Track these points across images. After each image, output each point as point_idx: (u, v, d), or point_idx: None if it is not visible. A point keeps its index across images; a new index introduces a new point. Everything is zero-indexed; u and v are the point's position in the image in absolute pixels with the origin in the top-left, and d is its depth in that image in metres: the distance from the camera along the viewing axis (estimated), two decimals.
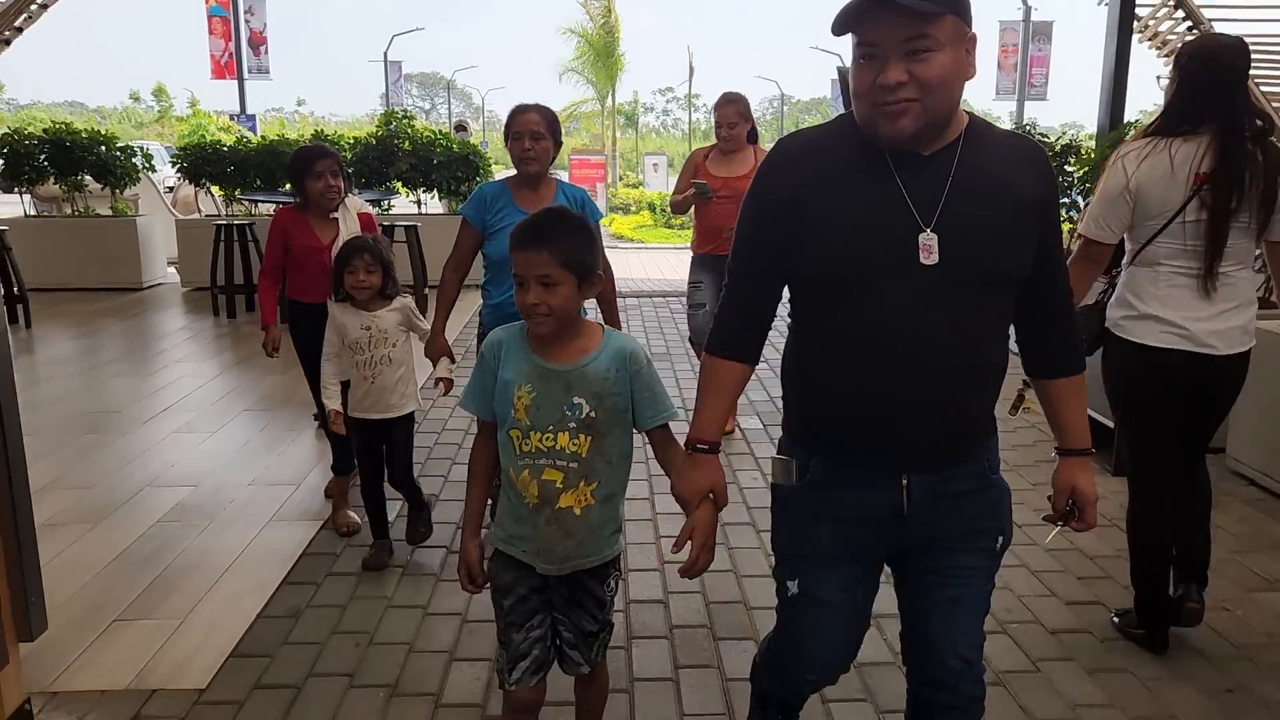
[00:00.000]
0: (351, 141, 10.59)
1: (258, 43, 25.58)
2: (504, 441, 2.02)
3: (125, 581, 3.47)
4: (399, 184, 10.32)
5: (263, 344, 4.04)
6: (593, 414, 1.97)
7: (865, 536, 1.80)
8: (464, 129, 14.73)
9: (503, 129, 3.66)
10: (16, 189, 10.35)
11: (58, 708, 2.71)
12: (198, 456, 4.87)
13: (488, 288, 3.55)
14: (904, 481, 1.74)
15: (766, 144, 4.65)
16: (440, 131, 11.13)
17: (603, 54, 30.21)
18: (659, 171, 29.11)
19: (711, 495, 1.86)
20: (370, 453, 3.59)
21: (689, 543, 1.84)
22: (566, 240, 1.93)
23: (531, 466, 1.98)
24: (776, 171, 1.75)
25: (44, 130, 10.26)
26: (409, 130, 10.55)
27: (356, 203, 4.17)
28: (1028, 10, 24.49)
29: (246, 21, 25.15)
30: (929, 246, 1.62)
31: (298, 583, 3.50)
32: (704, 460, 1.85)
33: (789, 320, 1.84)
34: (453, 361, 3.57)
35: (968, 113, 1.72)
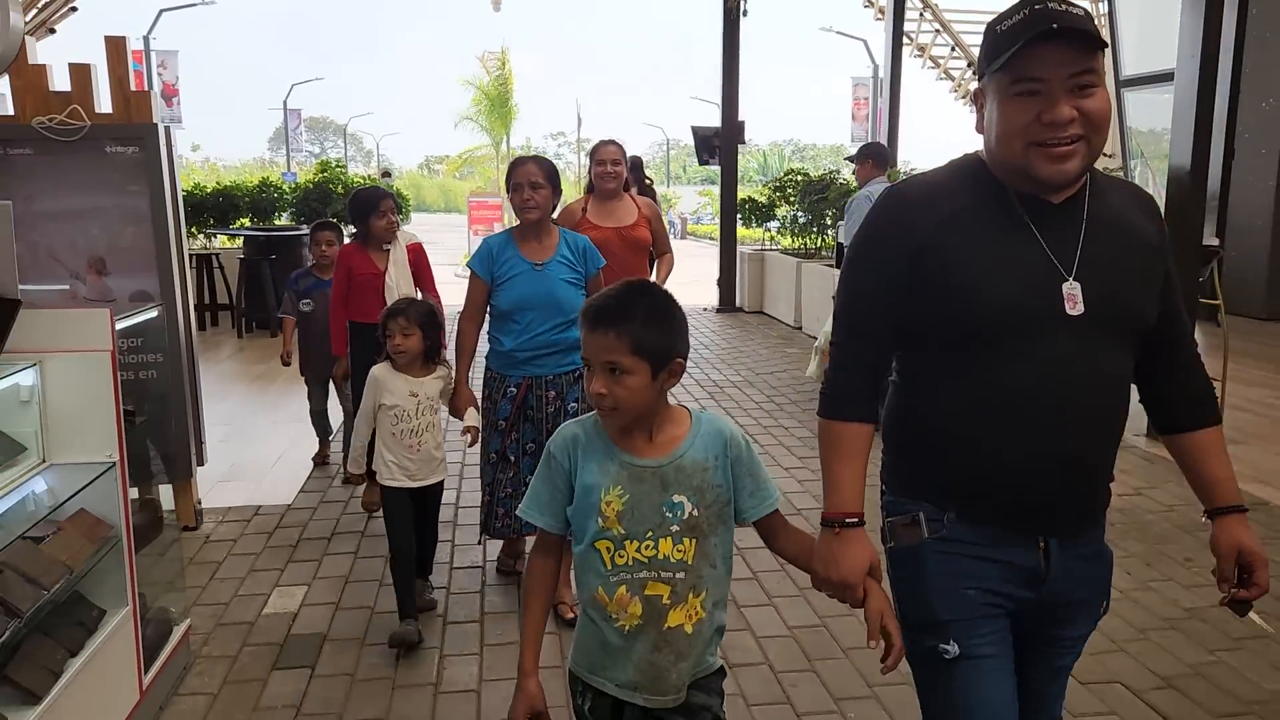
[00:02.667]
0: (292, 185, 12.55)
1: (170, 95, 26.94)
2: (585, 557, 1.72)
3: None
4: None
5: (334, 372, 4.92)
6: (695, 512, 1.71)
7: (1004, 596, 1.66)
8: (388, 174, 16.73)
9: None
10: None
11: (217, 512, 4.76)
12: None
13: (496, 335, 3.60)
14: (1042, 544, 1.64)
15: (659, 187, 5.18)
16: (368, 177, 13.19)
17: (497, 104, 32.51)
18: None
19: (870, 573, 1.67)
20: (405, 521, 3.41)
21: (883, 633, 1.64)
22: (642, 322, 1.66)
23: (630, 582, 1.70)
24: (896, 221, 1.63)
25: None
26: (341, 176, 12.58)
27: (406, 234, 4.78)
28: (875, 69, 27.91)
29: (159, 75, 26.56)
30: (1074, 296, 1.55)
31: None
32: (855, 536, 1.65)
33: (897, 376, 1.74)
34: (479, 411, 3.61)
35: None
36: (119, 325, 2.83)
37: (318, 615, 3.66)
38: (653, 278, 4.87)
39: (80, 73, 4.17)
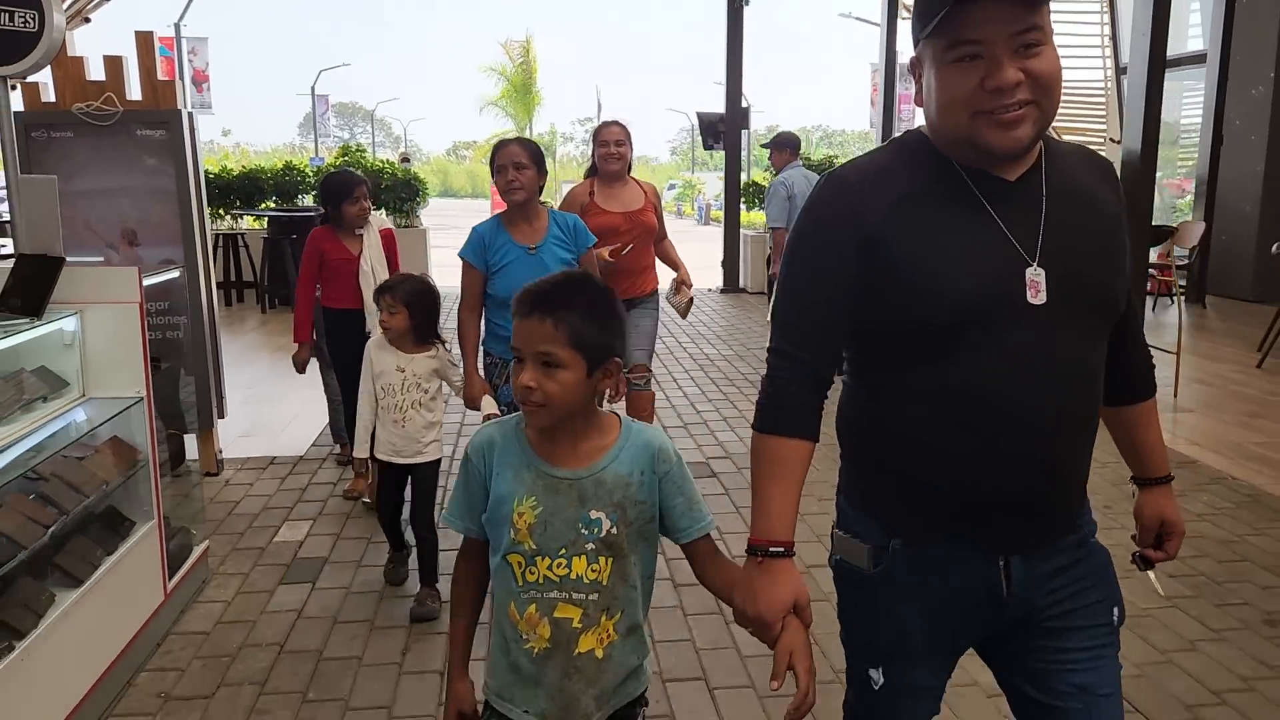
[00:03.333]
0: (316, 169, 13.10)
1: (200, 80, 27.65)
2: (499, 569, 1.61)
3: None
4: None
5: (293, 357, 4.52)
6: (614, 530, 1.57)
7: (955, 623, 1.53)
8: (407, 160, 17.28)
9: (402, 158, 4.69)
10: None
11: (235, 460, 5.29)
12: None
13: (496, 320, 3.57)
14: (1002, 562, 1.47)
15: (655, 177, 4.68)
16: (387, 162, 13.71)
17: (521, 90, 33.13)
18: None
19: (794, 609, 1.49)
20: (392, 486, 3.62)
21: (789, 673, 1.45)
22: (583, 313, 1.53)
23: (540, 601, 1.58)
24: (839, 209, 1.45)
25: None
26: (361, 160, 13.10)
27: (379, 219, 4.65)
28: (895, 54, 28.29)
29: (190, 61, 27.25)
30: (1036, 284, 1.39)
31: None
32: (780, 568, 1.48)
33: (846, 375, 1.60)
34: (494, 397, 3.58)
35: None
36: (146, 283, 3.34)
37: (321, 543, 4.17)
38: (656, 268, 4.82)
39: (113, 64, 4.69)
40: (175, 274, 4.20)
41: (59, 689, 2.66)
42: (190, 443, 4.95)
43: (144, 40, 4.73)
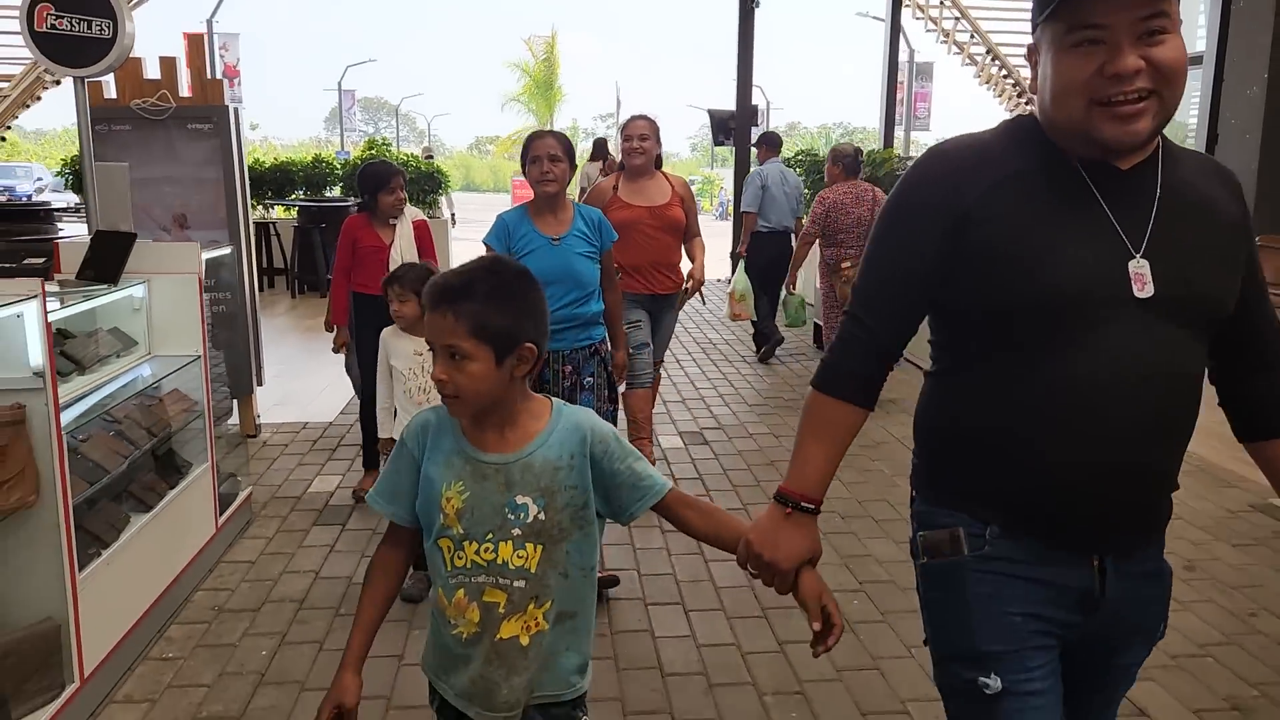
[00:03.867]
0: (344, 162, 13.65)
1: (231, 76, 28.33)
2: (430, 553, 1.60)
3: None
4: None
5: (334, 340, 4.65)
6: (541, 516, 1.54)
7: (1053, 621, 1.44)
8: (430, 155, 17.84)
9: (519, 154, 3.71)
10: None
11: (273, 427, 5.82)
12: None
13: None
14: (1096, 561, 1.41)
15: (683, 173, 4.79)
16: (412, 155, 14.25)
17: (543, 86, 33.68)
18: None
19: (810, 562, 1.50)
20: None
21: (822, 615, 1.48)
22: (483, 303, 1.50)
23: (468, 585, 1.56)
24: (936, 182, 1.40)
25: None
26: (386, 154, 13.64)
27: (413, 211, 4.73)
28: (912, 53, 28.41)
29: (221, 57, 27.94)
30: (1142, 276, 1.32)
31: None
32: (805, 522, 1.48)
33: (932, 367, 1.52)
34: None
35: None
36: (204, 257, 3.85)
37: (350, 494, 4.67)
38: (685, 264, 4.75)
39: (167, 64, 5.22)
40: (227, 250, 4.72)
41: (134, 595, 3.17)
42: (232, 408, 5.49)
43: (194, 42, 5.36)
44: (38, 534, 2.63)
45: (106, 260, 3.51)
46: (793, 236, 7.75)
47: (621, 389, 4.28)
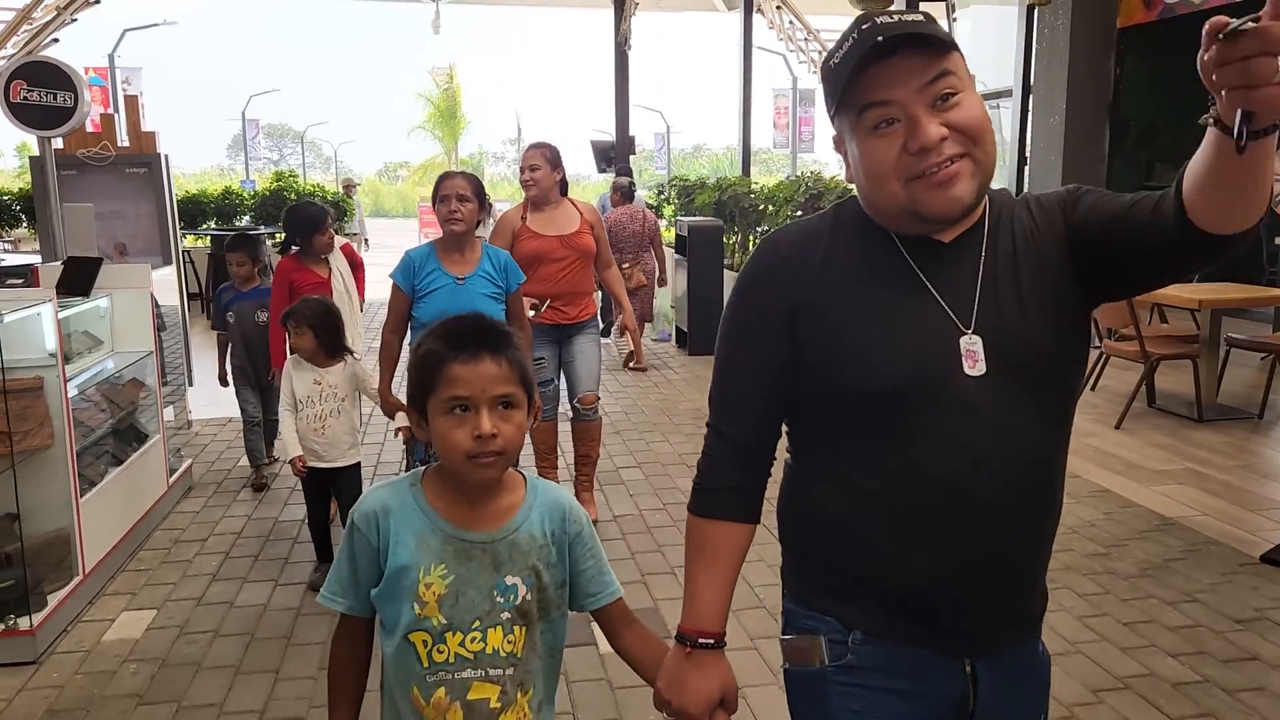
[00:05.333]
0: (251, 193, 14.61)
1: (128, 106, 28.72)
2: (398, 653, 1.43)
3: None
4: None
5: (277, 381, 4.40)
6: (529, 596, 1.45)
7: None
8: (351, 186, 18.77)
9: (430, 182, 3.82)
10: None
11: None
12: None
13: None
14: (968, 667, 1.34)
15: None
16: (317, 185, 15.28)
17: (447, 115, 34.75)
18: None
19: (721, 703, 1.40)
20: (318, 497, 3.98)
21: None
22: (518, 349, 1.44)
23: (449, 683, 1.42)
24: (768, 278, 1.38)
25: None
26: (294, 184, 14.65)
27: (338, 240, 5.04)
28: (795, 80, 30.42)
29: (124, 90, 28.35)
30: (973, 353, 1.27)
31: None
32: (709, 660, 1.39)
33: (789, 454, 1.47)
34: (407, 413, 4.08)
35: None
36: (153, 275, 4.97)
37: (272, 469, 5.79)
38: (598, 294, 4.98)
39: (107, 120, 6.31)
40: (169, 270, 5.81)
41: (115, 521, 4.27)
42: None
43: (131, 101, 6.35)
44: (53, 468, 3.73)
45: (79, 278, 4.60)
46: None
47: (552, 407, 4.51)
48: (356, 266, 5.18)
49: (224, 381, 5.48)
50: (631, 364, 4.76)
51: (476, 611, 1.43)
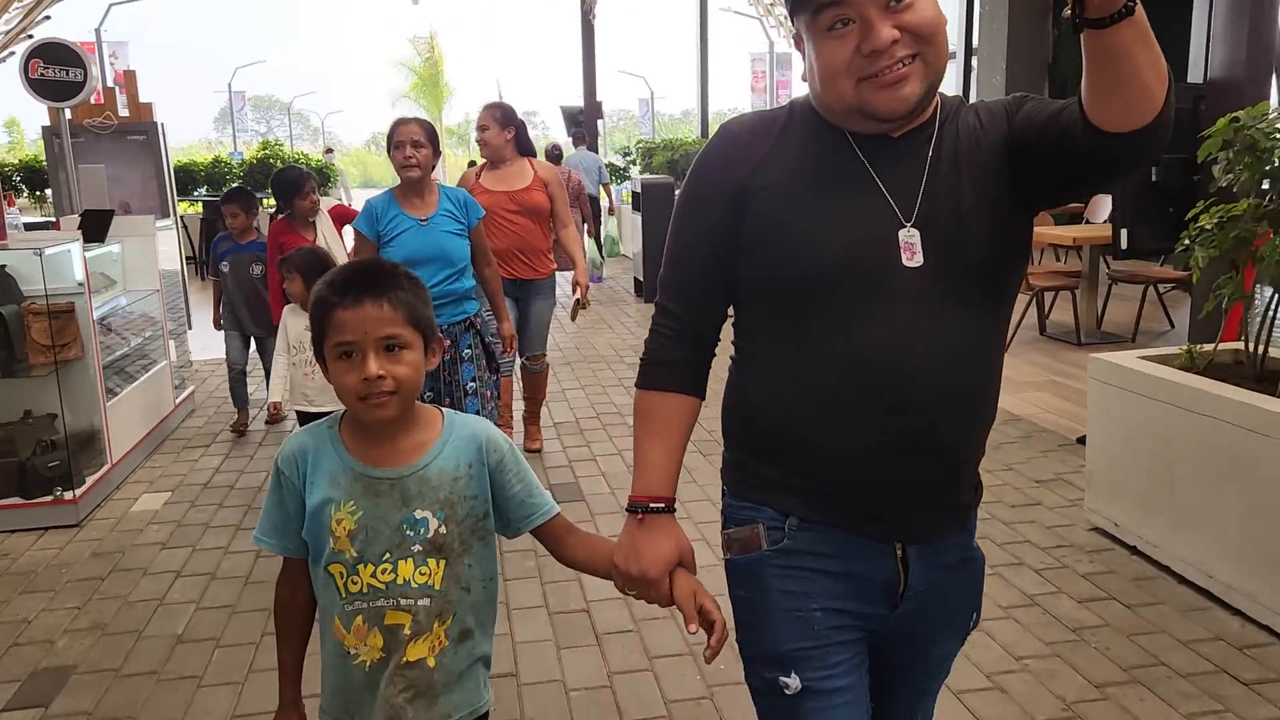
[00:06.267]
0: (239, 162, 15.38)
1: (120, 82, 29.28)
2: (322, 581, 1.51)
3: None
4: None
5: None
6: (442, 530, 1.48)
7: (857, 615, 1.40)
8: (330, 152, 19.51)
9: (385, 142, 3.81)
10: None
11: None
12: None
13: None
14: (899, 551, 1.38)
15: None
16: (301, 153, 16.06)
17: (430, 84, 35.32)
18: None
19: (681, 565, 1.43)
20: None
21: (700, 614, 1.41)
22: (407, 290, 1.46)
23: (366, 611, 1.48)
24: (718, 159, 1.40)
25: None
26: (280, 153, 15.42)
27: (327, 202, 5.39)
28: (771, 44, 31.12)
29: (111, 64, 28.87)
30: (911, 245, 1.30)
31: None
32: (661, 524, 1.42)
33: (734, 347, 1.48)
34: None
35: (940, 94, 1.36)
36: (156, 225, 5.82)
37: (260, 396, 6.67)
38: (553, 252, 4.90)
39: (109, 93, 7.11)
40: (169, 222, 6.66)
41: (133, 426, 5.15)
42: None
43: (129, 76, 7.15)
44: (84, 376, 4.61)
45: (95, 227, 5.46)
46: (600, 195, 10.10)
47: (511, 359, 4.53)
48: (348, 215, 5.29)
49: (219, 325, 5.88)
50: (579, 312, 4.89)
51: (385, 545, 1.47)
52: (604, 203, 11.56)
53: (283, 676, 1.60)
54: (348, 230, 5.27)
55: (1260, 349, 3.44)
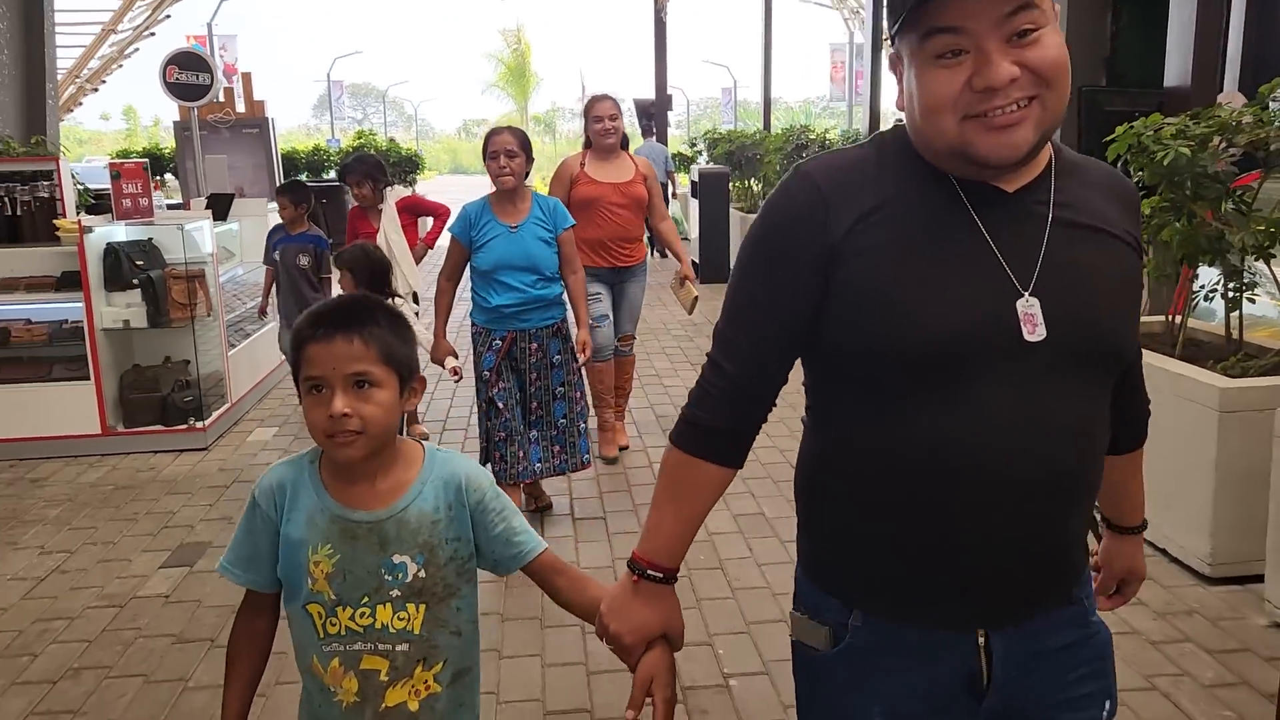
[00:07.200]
0: (337, 150, 16.63)
1: (230, 74, 31.16)
2: (298, 618, 1.47)
3: None
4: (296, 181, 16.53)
5: None
6: (422, 574, 1.45)
7: (933, 710, 1.26)
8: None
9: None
10: None
11: None
12: None
13: (480, 294, 3.94)
14: (981, 640, 1.23)
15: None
16: (391, 140, 17.26)
17: (517, 74, 36.54)
18: None
19: (664, 638, 1.36)
20: None
21: (648, 702, 1.33)
22: (384, 326, 1.42)
23: (343, 654, 1.45)
24: (800, 212, 1.22)
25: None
26: (373, 141, 16.62)
27: (396, 192, 5.48)
28: (851, 35, 31.45)
29: (221, 56, 30.75)
30: (1031, 317, 1.15)
31: None
32: (655, 593, 1.33)
33: (808, 415, 1.34)
34: (456, 357, 4.06)
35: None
36: (267, 206, 6.86)
37: None
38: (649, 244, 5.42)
39: (228, 92, 8.21)
40: (274, 204, 7.71)
41: (247, 375, 6.16)
42: None
43: (246, 78, 8.24)
44: (211, 331, 5.64)
45: (218, 208, 6.51)
46: (668, 184, 10.91)
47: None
48: (438, 215, 5.68)
49: (263, 313, 6.10)
50: (694, 301, 4.88)
51: (364, 589, 1.43)
52: (670, 190, 12.49)
53: (228, 716, 1.51)
54: (425, 221, 5.79)
55: (1181, 319, 4.04)
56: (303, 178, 16.04)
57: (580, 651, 3.12)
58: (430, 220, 5.77)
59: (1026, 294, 1.16)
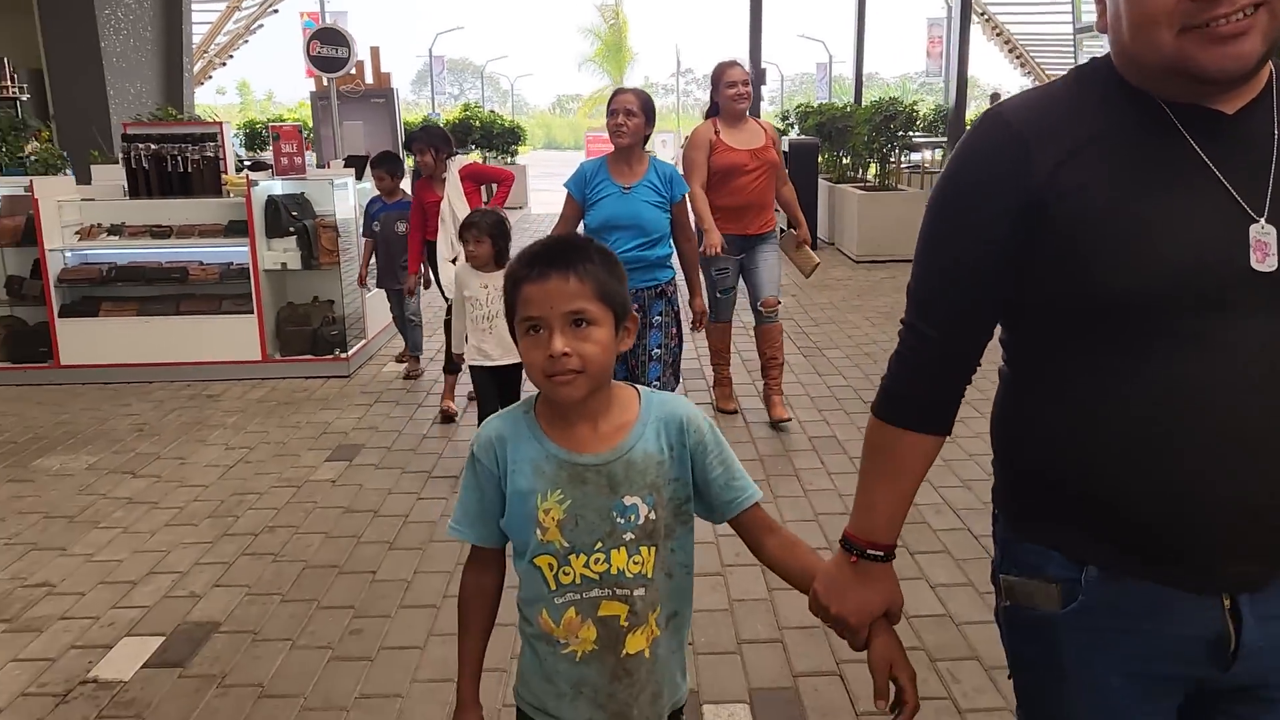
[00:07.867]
0: (445, 122, 17.51)
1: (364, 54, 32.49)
2: (527, 575, 1.46)
3: None
4: (473, 147, 17.26)
5: (406, 286, 5.71)
6: (653, 515, 1.42)
7: (1169, 679, 1.19)
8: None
9: (600, 111, 5.27)
10: None
11: None
12: None
13: None
14: (1226, 602, 1.14)
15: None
16: (494, 113, 18.07)
17: (613, 49, 37.14)
18: (667, 147, 35.92)
19: (886, 616, 1.33)
20: (490, 397, 4.02)
21: (893, 687, 1.31)
22: (598, 264, 1.39)
23: (580, 603, 1.43)
24: (997, 157, 1.16)
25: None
26: (478, 114, 17.44)
27: (458, 161, 5.45)
28: (949, 9, 31.20)
29: None
30: (1265, 245, 1.07)
31: None
32: (876, 572, 1.31)
33: (1008, 363, 1.28)
34: None
35: None
36: None
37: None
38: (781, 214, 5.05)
39: (359, 65, 9.01)
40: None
41: (380, 316, 6.94)
42: None
43: (374, 52, 9.04)
44: (353, 274, 6.42)
45: (355, 168, 7.29)
46: None
47: (689, 329, 4.37)
48: (501, 180, 5.68)
49: (363, 282, 6.36)
50: (813, 265, 4.97)
51: (597, 534, 1.40)
52: None
53: (463, 671, 1.53)
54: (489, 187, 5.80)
55: None
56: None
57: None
58: (494, 186, 5.82)
59: (1262, 220, 1.08)
